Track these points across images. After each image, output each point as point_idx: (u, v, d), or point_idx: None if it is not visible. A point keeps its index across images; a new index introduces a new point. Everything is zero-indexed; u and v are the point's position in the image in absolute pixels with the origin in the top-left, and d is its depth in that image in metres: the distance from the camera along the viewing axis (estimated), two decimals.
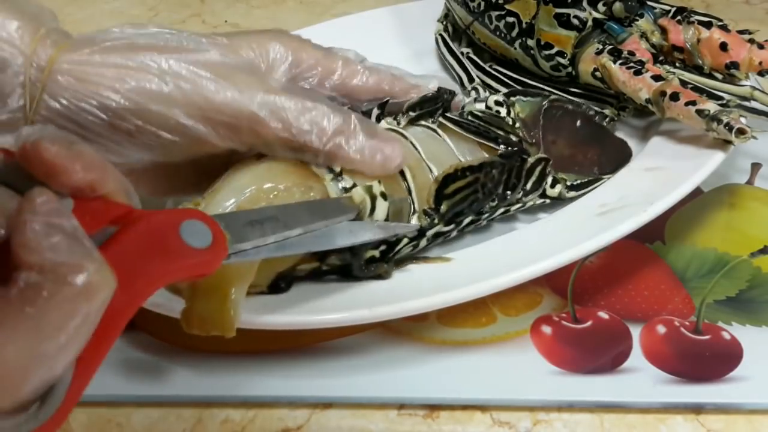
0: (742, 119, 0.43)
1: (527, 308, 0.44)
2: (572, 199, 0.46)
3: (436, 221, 0.42)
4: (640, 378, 0.40)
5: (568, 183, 0.47)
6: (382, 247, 0.40)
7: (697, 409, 0.39)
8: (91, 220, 0.26)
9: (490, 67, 0.56)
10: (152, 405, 0.40)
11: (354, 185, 0.39)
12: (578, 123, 0.50)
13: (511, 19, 0.53)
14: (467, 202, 0.42)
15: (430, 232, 0.42)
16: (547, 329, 0.42)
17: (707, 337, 0.42)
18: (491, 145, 0.45)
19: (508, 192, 0.44)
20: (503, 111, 0.48)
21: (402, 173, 0.42)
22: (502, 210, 0.45)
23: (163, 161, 0.39)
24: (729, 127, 0.42)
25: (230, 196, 0.37)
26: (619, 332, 0.42)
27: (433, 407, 0.39)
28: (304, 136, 0.38)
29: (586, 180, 0.47)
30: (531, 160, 0.45)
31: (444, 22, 0.62)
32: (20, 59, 0.36)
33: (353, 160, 0.39)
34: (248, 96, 0.38)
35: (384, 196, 0.39)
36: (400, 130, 0.44)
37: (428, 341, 0.42)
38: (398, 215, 0.41)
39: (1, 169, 0.26)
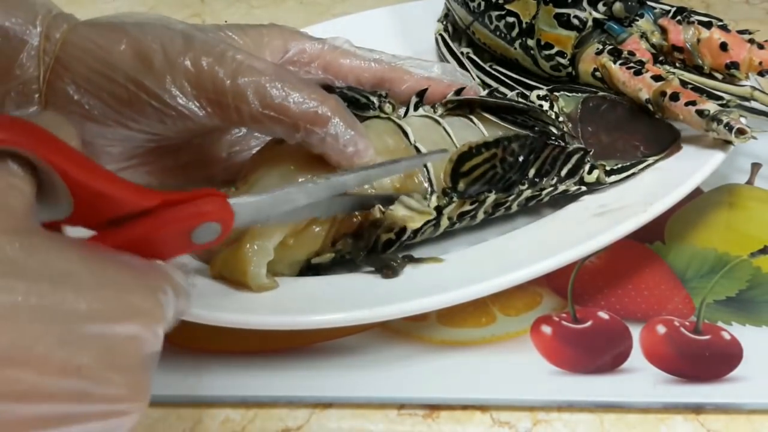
0: (742, 119, 0.43)
1: (527, 308, 0.44)
2: (612, 184, 0.46)
3: (454, 200, 0.42)
4: (640, 378, 0.40)
5: (608, 168, 0.46)
6: (396, 229, 0.41)
7: (697, 409, 0.39)
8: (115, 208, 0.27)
9: (490, 67, 0.56)
10: (152, 405, 0.40)
11: None
12: (619, 111, 0.48)
13: (511, 19, 0.53)
14: (485, 179, 0.42)
15: (448, 210, 0.42)
16: (547, 329, 0.42)
17: (707, 337, 0.42)
18: (527, 133, 0.45)
19: (540, 178, 0.44)
20: (546, 105, 0.48)
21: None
22: (531, 194, 0.44)
23: (162, 136, 0.41)
24: (729, 127, 0.42)
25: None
26: (619, 332, 0.42)
27: (433, 407, 0.39)
28: (285, 115, 0.39)
29: (628, 164, 0.46)
30: (569, 148, 0.44)
31: (444, 22, 0.62)
32: (36, 37, 0.38)
33: (326, 145, 0.40)
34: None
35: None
36: (436, 117, 0.45)
37: (428, 341, 0.42)
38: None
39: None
